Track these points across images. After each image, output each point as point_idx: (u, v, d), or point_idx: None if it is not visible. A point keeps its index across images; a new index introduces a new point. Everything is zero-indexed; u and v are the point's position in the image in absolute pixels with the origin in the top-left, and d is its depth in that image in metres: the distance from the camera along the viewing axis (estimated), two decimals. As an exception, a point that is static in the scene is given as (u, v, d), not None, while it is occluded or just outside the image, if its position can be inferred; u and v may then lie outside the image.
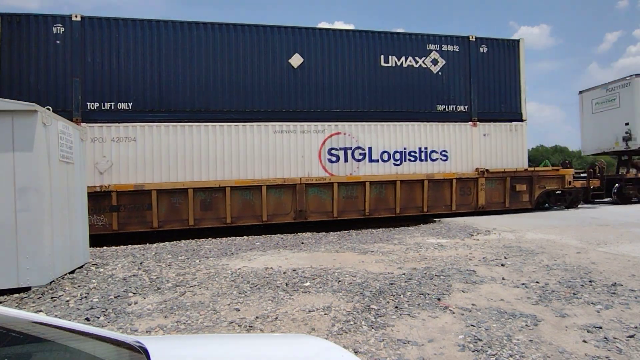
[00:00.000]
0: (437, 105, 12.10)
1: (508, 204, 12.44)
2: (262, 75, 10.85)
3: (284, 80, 11.02)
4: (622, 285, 4.77)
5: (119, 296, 4.88)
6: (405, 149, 11.73)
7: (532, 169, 12.82)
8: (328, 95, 11.33)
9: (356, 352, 3.14)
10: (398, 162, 11.70)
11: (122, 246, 8.98)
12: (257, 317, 4.00)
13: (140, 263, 6.88)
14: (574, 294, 4.51)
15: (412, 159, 11.82)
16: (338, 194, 10.96)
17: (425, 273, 5.54)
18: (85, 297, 4.91)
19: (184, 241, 9.39)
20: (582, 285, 4.82)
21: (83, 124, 9.41)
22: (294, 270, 5.91)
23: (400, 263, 6.32)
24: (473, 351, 3.13)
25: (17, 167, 5.15)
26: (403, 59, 11.84)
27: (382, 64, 11.69)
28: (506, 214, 12.41)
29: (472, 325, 3.64)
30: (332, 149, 11.21)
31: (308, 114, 11.13)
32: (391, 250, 7.43)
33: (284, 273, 5.78)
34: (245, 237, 9.85)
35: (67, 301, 4.76)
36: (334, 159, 11.25)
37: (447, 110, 12.18)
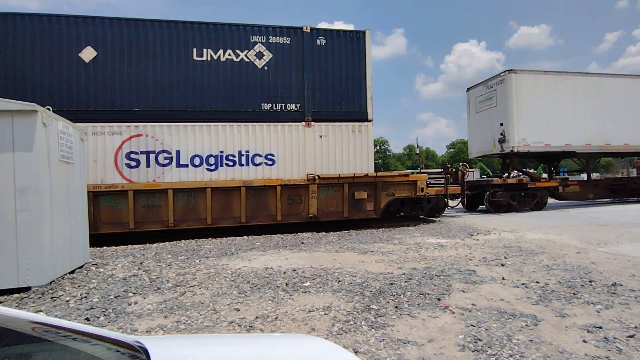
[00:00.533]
0: (263, 104, 10.80)
1: (347, 213, 10.99)
2: (45, 71, 9.62)
3: (73, 77, 9.78)
4: (622, 285, 4.77)
5: (119, 296, 4.88)
6: (221, 152, 10.44)
7: (374, 174, 11.24)
8: (127, 93, 10.06)
9: (356, 352, 3.14)
10: (212, 167, 10.38)
11: (122, 246, 9.00)
12: (257, 317, 4.00)
13: (140, 263, 6.89)
14: (574, 294, 4.51)
15: (231, 163, 10.49)
16: (135, 203, 9.73)
17: (425, 273, 5.54)
18: (85, 297, 4.92)
19: (183, 241, 9.41)
20: (582, 285, 4.82)
21: None
22: (294, 270, 5.92)
23: (400, 263, 6.32)
24: (473, 351, 3.13)
25: (17, 167, 5.15)
26: (221, 52, 10.56)
27: (195, 57, 10.43)
28: (345, 224, 11.58)
29: (472, 325, 3.65)
30: (131, 152, 9.92)
31: (102, 113, 9.86)
32: (391, 250, 7.43)
33: (284, 273, 5.79)
34: (245, 237, 9.87)
35: (67, 301, 4.76)
36: (133, 163, 9.93)
37: (274, 109, 10.86)
